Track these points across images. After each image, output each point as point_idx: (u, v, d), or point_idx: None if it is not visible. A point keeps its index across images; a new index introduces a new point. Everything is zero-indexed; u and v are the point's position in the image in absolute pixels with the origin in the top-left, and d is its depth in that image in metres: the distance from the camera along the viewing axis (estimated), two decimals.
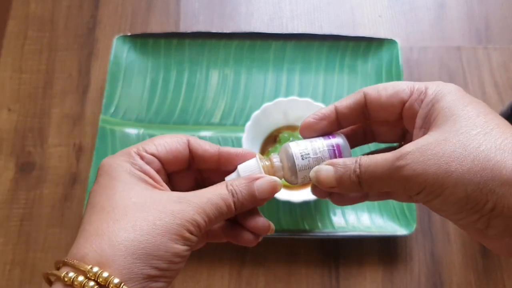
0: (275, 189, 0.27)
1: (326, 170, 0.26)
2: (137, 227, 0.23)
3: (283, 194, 0.44)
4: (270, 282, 0.46)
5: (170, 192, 0.26)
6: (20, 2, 0.59)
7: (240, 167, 0.28)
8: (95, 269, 0.22)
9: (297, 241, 0.47)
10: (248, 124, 0.46)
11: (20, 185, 0.50)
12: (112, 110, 0.51)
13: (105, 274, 0.22)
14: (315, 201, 0.46)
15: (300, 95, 0.53)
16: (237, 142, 0.50)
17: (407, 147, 0.24)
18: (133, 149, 0.27)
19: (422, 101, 0.25)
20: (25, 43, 0.57)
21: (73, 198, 0.49)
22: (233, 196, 0.26)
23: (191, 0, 0.60)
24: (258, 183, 0.26)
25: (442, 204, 0.23)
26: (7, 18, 0.58)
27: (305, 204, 0.47)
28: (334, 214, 0.47)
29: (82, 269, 0.22)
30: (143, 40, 0.54)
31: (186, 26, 0.58)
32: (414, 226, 0.45)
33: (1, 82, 0.55)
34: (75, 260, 0.23)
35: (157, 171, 0.27)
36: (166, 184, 0.27)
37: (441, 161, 0.22)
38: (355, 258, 0.47)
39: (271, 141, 0.49)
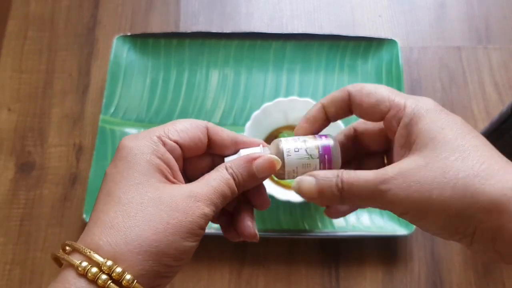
0: (273, 167, 0.27)
1: (308, 181, 0.26)
2: (151, 225, 0.24)
3: (283, 194, 0.44)
4: (270, 282, 0.46)
5: (181, 187, 0.26)
6: (20, 2, 0.59)
7: (242, 151, 0.28)
8: (109, 263, 0.23)
9: (297, 241, 0.47)
10: (248, 124, 0.46)
11: (20, 185, 0.50)
12: (112, 110, 0.51)
13: (119, 269, 0.23)
14: None
15: (300, 95, 0.53)
16: None
17: (390, 171, 0.24)
18: (156, 134, 0.26)
19: (400, 119, 0.26)
20: (25, 43, 0.57)
21: (73, 198, 0.49)
22: (234, 179, 0.26)
23: (191, 0, 0.60)
24: (257, 163, 0.27)
25: (426, 226, 0.25)
26: (7, 18, 0.58)
27: (305, 204, 0.47)
28: None
29: (95, 260, 0.23)
30: (143, 40, 0.54)
31: (186, 26, 0.58)
32: (414, 226, 0.45)
33: (1, 82, 0.55)
34: (88, 250, 0.23)
35: (177, 159, 0.27)
36: (181, 170, 0.28)
37: (423, 189, 0.23)
38: (355, 258, 0.47)
39: (271, 140, 0.49)
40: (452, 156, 0.24)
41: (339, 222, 0.47)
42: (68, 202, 0.49)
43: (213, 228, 0.46)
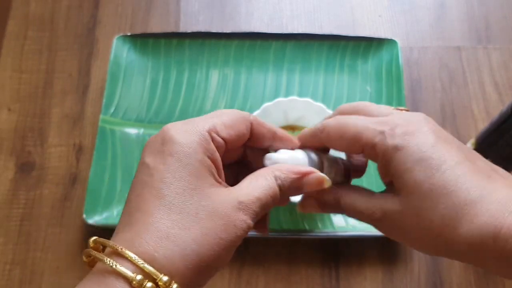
0: (322, 185, 0.26)
1: (311, 204, 0.29)
2: (206, 239, 0.22)
3: None
4: (270, 282, 0.46)
5: (229, 193, 0.24)
6: (20, 2, 0.59)
7: (283, 152, 0.27)
8: (165, 278, 0.21)
9: (297, 241, 0.47)
10: None
11: (20, 185, 0.50)
12: (112, 110, 0.51)
13: (175, 286, 0.21)
14: None
15: (300, 95, 0.53)
16: None
17: (378, 213, 0.26)
18: (206, 128, 0.24)
19: (375, 157, 0.26)
20: (25, 43, 0.57)
21: (73, 198, 0.49)
22: (280, 189, 0.25)
23: (191, 0, 0.60)
24: (308, 179, 0.26)
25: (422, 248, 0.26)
26: (7, 18, 0.58)
27: None
28: (334, 214, 0.47)
29: (150, 273, 0.21)
30: (143, 40, 0.54)
31: (186, 26, 0.58)
32: None
33: (1, 82, 0.55)
34: (141, 262, 0.21)
35: (221, 155, 0.25)
36: None
37: (405, 234, 0.25)
38: (355, 258, 0.47)
39: None
40: (423, 204, 0.24)
41: (339, 222, 0.47)
42: (68, 202, 0.49)
43: None
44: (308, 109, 0.47)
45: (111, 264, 0.21)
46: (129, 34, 0.54)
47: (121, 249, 0.21)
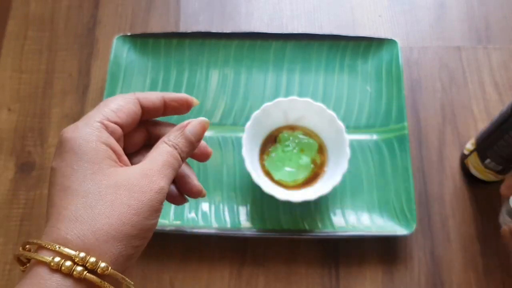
0: (204, 127, 0.29)
1: None
2: (114, 211, 0.24)
3: (283, 194, 0.45)
4: (270, 282, 0.46)
5: (132, 168, 0.26)
6: (20, 2, 0.59)
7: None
8: (82, 254, 0.23)
9: (297, 241, 0.47)
10: (248, 124, 0.46)
11: (20, 185, 0.50)
12: None
13: (92, 259, 0.23)
14: (315, 201, 0.46)
15: (300, 95, 0.53)
16: (237, 142, 0.50)
17: None
18: (96, 119, 0.26)
19: None
20: (25, 43, 0.57)
21: None
22: (176, 149, 0.28)
23: (191, 0, 0.60)
24: (188, 128, 0.29)
25: None
26: (7, 18, 0.58)
27: (305, 204, 0.47)
28: (334, 214, 0.47)
29: (67, 254, 0.23)
30: (143, 40, 0.54)
31: (186, 26, 0.58)
32: (414, 226, 0.45)
33: (1, 82, 0.55)
34: (57, 246, 0.23)
35: (118, 140, 0.27)
36: (123, 150, 0.28)
37: None
38: (355, 258, 0.47)
39: (271, 140, 0.49)
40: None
41: (339, 222, 0.47)
42: None
43: (213, 228, 0.46)
44: (308, 109, 0.48)
45: (30, 255, 0.23)
46: (129, 34, 0.54)
47: (36, 241, 0.23)
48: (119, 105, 0.28)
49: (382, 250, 0.47)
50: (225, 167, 0.50)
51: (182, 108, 0.31)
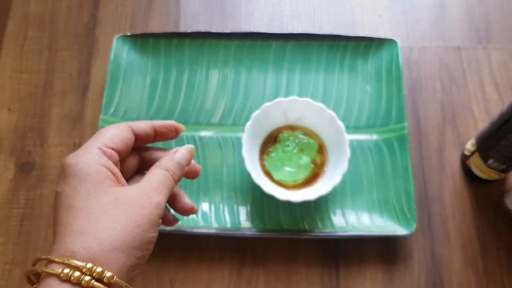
0: (191, 152, 0.33)
1: None
2: (116, 223, 0.26)
3: (283, 194, 0.45)
4: (270, 282, 0.46)
5: (131, 187, 0.29)
6: (20, 2, 0.59)
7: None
8: (89, 265, 0.25)
9: (297, 241, 0.47)
10: (248, 124, 0.46)
11: (20, 185, 0.50)
12: (112, 110, 0.51)
13: (99, 269, 0.25)
14: (315, 201, 0.46)
15: (300, 95, 0.53)
16: (237, 142, 0.51)
17: None
18: (94, 146, 0.29)
19: None
20: (25, 43, 0.57)
21: None
22: (168, 171, 0.30)
23: (191, 0, 0.60)
24: (177, 155, 0.32)
25: None
26: (7, 18, 0.58)
27: (305, 204, 0.47)
28: (334, 214, 0.47)
29: (75, 265, 0.25)
30: (143, 40, 0.54)
31: (186, 26, 0.58)
32: (414, 226, 0.45)
33: (1, 82, 0.55)
34: (66, 258, 0.25)
35: (115, 163, 0.30)
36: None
37: None
38: (355, 258, 0.47)
39: (271, 140, 0.49)
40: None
41: (339, 222, 0.47)
42: None
43: (213, 228, 0.46)
44: (308, 109, 0.48)
45: (40, 269, 0.25)
46: (129, 34, 0.54)
47: (45, 257, 0.26)
48: (114, 133, 0.31)
49: (382, 250, 0.47)
50: (225, 167, 0.50)
51: (170, 134, 0.34)
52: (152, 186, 0.29)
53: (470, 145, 0.48)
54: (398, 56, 0.52)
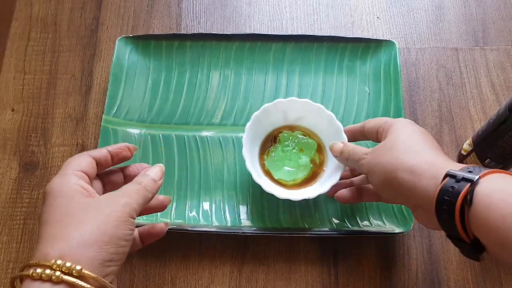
0: (161, 169, 0.37)
1: (337, 145, 0.44)
2: (84, 223, 0.29)
3: (283, 193, 0.45)
4: (270, 280, 0.46)
5: (102, 195, 0.33)
6: (23, 4, 0.60)
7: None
8: (59, 261, 0.27)
9: (296, 239, 0.48)
10: (248, 124, 0.47)
11: (24, 185, 0.51)
12: (114, 110, 0.52)
13: (68, 264, 0.27)
14: (314, 200, 0.47)
15: (300, 95, 0.53)
16: (237, 142, 0.51)
17: (367, 150, 0.40)
18: (67, 171, 0.33)
19: (383, 128, 0.40)
20: (28, 44, 0.58)
21: None
22: (141, 184, 0.34)
23: (192, 2, 0.60)
24: (148, 171, 0.36)
25: (377, 186, 0.38)
26: (10, 20, 0.59)
27: (305, 202, 0.48)
28: (333, 213, 0.48)
29: (47, 264, 0.27)
30: (145, 42, 0.55)
31: (187, 27, 0.59)
32: (412, 224, 0.46)
33: (5, 83, 0.56)
34: (37, 260, 0.28)
35: (87, 182, 0.34)
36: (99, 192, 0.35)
37: (376, 158, 0.37)
38: (354, 255, 0.47)
39: (271, 140, 0.49)
40: (397, 140, 0.37)
41: (338, 220, 0.47)
42: None
43: (214, 226, 0.47)
44: (307, 109, 0.48)
45: (16, 275, 0.29)
46: (131, 35, 0.55)
47: (23, 264, 0.29)
48: (79, 160, 0.34)
49: (380, 248, 0.48)
50: (225, 167, 0.50)
51: (125, 152, 0.38)
52: (121, 192, 0.33)
53: (467, 145, 0.49)
54: (396, 57, 0.53)
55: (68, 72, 0.56)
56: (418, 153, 0.35)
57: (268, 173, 0.47)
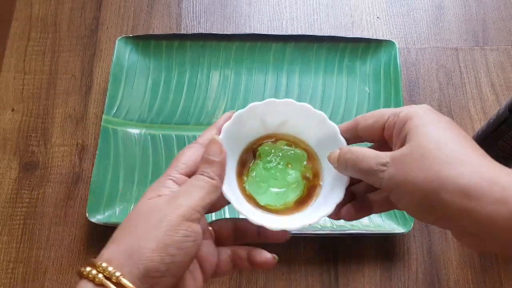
0: (212, 141, 0.31)
1: (334, 153, 0.33)
2: (138, 228, 0.27)
3: (275, 223, 0.34)
4: (270, 280, 0.46)
5: (168, 193, 0.29)
6: (24, 4, 0.60)
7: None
8: (104, 264, 0.26)
9: (296, 239, 0.48)
10: (220, 137, 0.34)
11: (24, 184, 0.51)
12: (114, 110, 0.52)
13: (110, 269, 0.26)
14: None
15: (300, 95, 0.53)
16: None
17: (385, 157, 0.28)
18: (170, 172, 0.30)
19: (395, 123, 0.30)
20: (28, 44, 0.58)
21: (76, 197, 0.50)
22: (201, 174, 0.30)
23: (192, 2, 0.60)
24: (207, 151, 0.31)
25: (405, 206, 0.28)
26: (10, 20, 0.59)
27: None
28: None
29: (96, 264, 0.27)
30: (145, 42, 0.55)
31: (187, 27, 0.59)
32: (412, 224, 0.46)
33: (5, 83, 0.56)
34: (92, 260, 0.27)
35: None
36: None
37: (404, 172, 0.27)
38: (354, 256, 0.47)
39: (250, 156, 0.37)
40: (430, 145, 0.27)
41: (338, 221, 0.47)
42: (71, 201, 0.50)
43: None
44: (290, 111, 0.37)
45: (81, 269, 0.27)
46: (131, 35, 0.55)
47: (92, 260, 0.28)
48: (191, 152, 0.31)
49: (380, 248, 0.48)
50: None
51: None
52: (182, 188, 0.29)
53: None
54: (396, 57, 0.53)
55: (68, 72, 0.56)
56: (465, 163, 0.26)
57: (251, 198, 0.35)
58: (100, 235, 0.48)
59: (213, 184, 0.30)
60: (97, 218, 0.47)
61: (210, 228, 0.34)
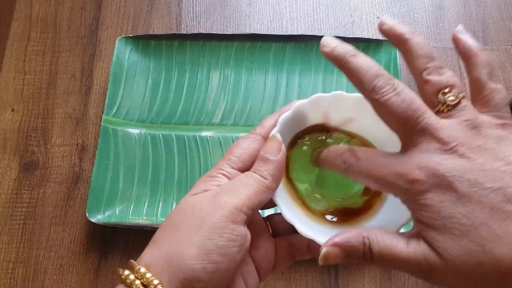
0: (271, 139, 0.28)
1: (334, 253, 0.24)
2: (180, 230, 0.25)
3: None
4: (270, 280, 0.46)
5: (213, 190, 0.26)
6: (23, 4, 0.60)
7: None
8: (142, 269, 0.24)
9: None
10: (274, 131, 0.29)
11: (24, 184, 0.51)
12: (114, 110, 0.52)
13: (148, 275, 0.24)
14: None
15: (300, 96, 0.53)
16: None
17: (424, 264, 0.22)
18: (221, 166, 0.27)
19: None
20: (28, 44, 0.58)
21: (76, 197, 0.50)
22: (255, 173, 0.27)
23: (192, 2, 0.60)
24: (260, 151, 0.28)
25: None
26: (10, 20, 0.59)
27: None
28: None
29: (135, 268, 0.25)
30: (145, 42, 0.55)
31: (188, 27, 0.59)
32: (412, 224, 0.46)
33: (5, 83, 0.56)
34: (132, 262, 0.25)
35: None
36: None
37: (462, 278, 0.22)
38: None
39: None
40: (472, 246, 0.22)
41: None
42: (71, 201, 0.50)
43: None
44: (360, 108, 0.31)
45: (120, 272, 0.26)
46: (131, 35, 0.55)
47: (131, 262, 0.26)
48: (247, 143, 0.28)
49: None
50: None
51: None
52: (229, 185, 0.26)
53: None
54: (397, 57, 0.53)
55: (68, 72, 0.56)
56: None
57: (291, 184, 0.30)
58: (100, 235, 0.48)
59: (264, 184, 0.26)
60: (97, 218, 0.47)
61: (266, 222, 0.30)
